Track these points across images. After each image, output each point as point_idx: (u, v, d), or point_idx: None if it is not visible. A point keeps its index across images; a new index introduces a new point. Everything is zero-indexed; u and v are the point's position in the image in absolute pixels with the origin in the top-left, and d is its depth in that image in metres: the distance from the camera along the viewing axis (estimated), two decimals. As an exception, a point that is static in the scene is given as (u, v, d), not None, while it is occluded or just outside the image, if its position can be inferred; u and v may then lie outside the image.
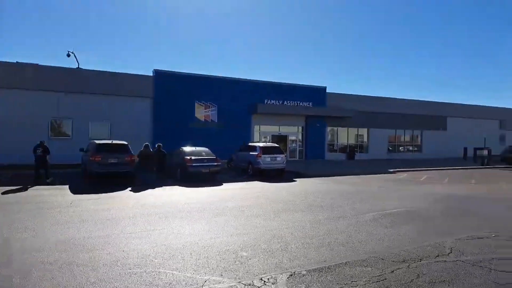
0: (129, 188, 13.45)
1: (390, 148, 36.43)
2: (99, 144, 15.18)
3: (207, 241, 6.34)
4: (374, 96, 35.30)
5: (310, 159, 30.47)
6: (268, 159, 18.16)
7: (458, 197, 11.87)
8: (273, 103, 29.15)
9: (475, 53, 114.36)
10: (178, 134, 25.32)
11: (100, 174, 14.68)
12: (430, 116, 38.10)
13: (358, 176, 19.07)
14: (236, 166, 20.78)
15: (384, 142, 35.85)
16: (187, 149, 17.33)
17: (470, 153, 34.52)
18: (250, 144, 20.01)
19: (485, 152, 26.95)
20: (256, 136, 29.01)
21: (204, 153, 16.98)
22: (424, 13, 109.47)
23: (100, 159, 14.50)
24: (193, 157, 16.25)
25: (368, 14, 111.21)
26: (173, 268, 4.99)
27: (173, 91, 25.90)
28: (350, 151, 33.37)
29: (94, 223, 7.76)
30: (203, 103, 26.95)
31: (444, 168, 23.81)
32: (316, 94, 31.19)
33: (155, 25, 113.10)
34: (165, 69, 26.41)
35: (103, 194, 11.86)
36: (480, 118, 41.67)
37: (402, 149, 37.25)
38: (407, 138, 37.94)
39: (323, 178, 17.95)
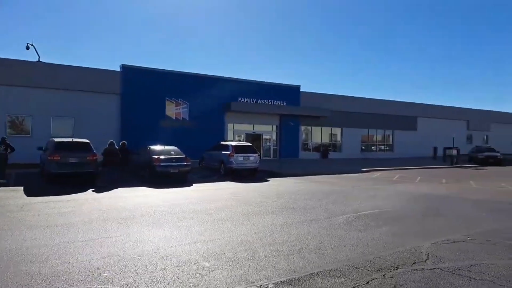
0: (90, 190, 12.56)
1: (363, 148, 36.79)
2: (58, 142, 14.14)
3: (167, 250, 5.73)
4: (348, 96, 35.53)
5: (284, 158, 30.19)
6: (241, 159, 17.63)
7: (430, 197, 11.79)
8: (247, 101, 28.64)
9: (445, 54, 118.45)
10: (148, 132, 24.32)
11: (59, 174, 13.66)
12: (401, 116, 38.77)
13: (332, 175, 18.88)
14: (208, 165, 20.13)
15: (357, 141, 36.15)
16: (155, 147, 16.54)
17: (440, 152, 35.43)
18: (222, 143, 19.41)
19: (454, 152, 27.58)
20: (229, 134, 28.42)
21: (173, 152, 16.23)
22: (394, 13, 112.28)
23: (59, 158, 13.48)
24: (161, 157, 15.48)
25: (341, 14, 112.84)
26: (122, 284, 4.36)
27: (142, 87, 24.88)
28: (324, 150, 33.39)
29: (43, 229, 6.97)
30: (174, 100, 26.06)
31: (415, 168, 24.11)
32: (290, 93, 30.95)
33: (124, 20, 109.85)
34: (133, 64, 25.31)
35: (61, 197, 10.95)
36: (448, 119, 42.85)
37: (375, 149, 37.71)
38: (379, 137, 38.46)
39: (297, 177, 17.62)
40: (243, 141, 25.09)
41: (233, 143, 18.31)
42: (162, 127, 25.29)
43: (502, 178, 18.23)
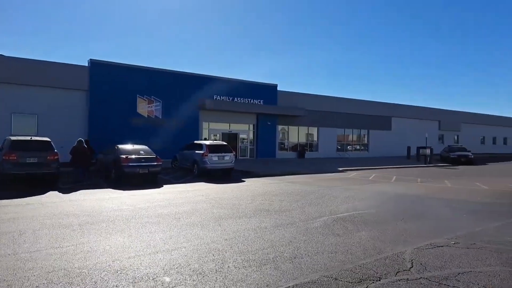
0: (50, 192, 11.57)
1: (339, 147, 36.83)
2: (15, 141, 13.01)
3: (124, 262, 5.03)
4: (324, 95, 35.45)
5: (261, 157, 29.70)
6: (215, 158, 16.96)
7: (408, 197, 11.55)
8: (223, 100, 27.94)
9: (418, 55, 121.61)
10: (118, 131, 23.24)
11: (15, 175, 12.56)
12: (376, 116, 39.12)
13: (308, 175, 18.51)
14: (181, 166, 19.33)
15: (333, 141, 36.13)
16: (124, 147, 15.62)
17: (413, 151, 35.96)
18: (195, 142, 18.66)
19: (428, 151, 27.93)
20: (205, 133, 27.65)
21: (142, 152, 15.37)
22: (371, 13, 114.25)
23: (15, 158, 12.39)
24: (129, 156, 14.59)
25: (317, 13, 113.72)
26: (62, 308, 3.66)
27: (112, 84, 23.72)
28: (300, 150, 33.13)
29: (-17, 240, 6.10)
30: (146, 97, 25.02)
31: (390, 167, 24.17)
32: (267, 91, 30.48)
33: (94, 14, 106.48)
34: (102, 59, 24.09)
35: (14, 200, 9.96)
36: (421, 119, 43.64)
37: (350, 148, 37.82)
38: (355, 137, 38.64)
39: (273, 177, 17.12)
40: (219, 141, 24.41)
41: (207, 142, 17.62)
42: (133, 126, 24.22)
43: (475, 178, 18.41)
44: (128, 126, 23.99)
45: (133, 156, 14.72)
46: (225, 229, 7.07)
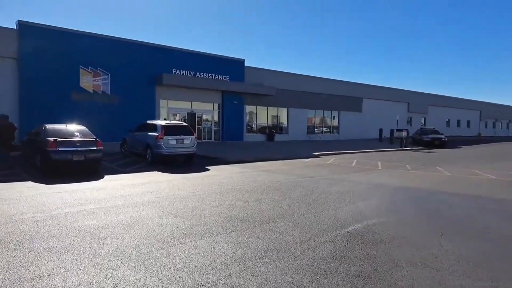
0: None
1: (309, 130, 34.72)
2: None
3: None
4: (294, 73, 32.91)
5: (227, 140, 26.85)
6: (173, 142, 13.92)
7: (415, 192, 9.28)
8: (183, 74, 24.54)
9: (390, 36, 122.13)
10: (57, 108, 19.46)
11: None
12: (347, 97, 37.34)
13: (283, 161, 15.98)
14: (132, 150, 16.09)
15: (304, 122, 33.94)
16: (54, 127, 12.19)
17: (385, 134, 34.68)
18: (148, 122, 15.43)
19: (404, 134, 26.39)
20: (163, 113, 24.27)
21: (78, 134, 12.01)
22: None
23: None
24: (59, 139, 11.23)
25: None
26: None
27: (48, 52, 19.70)
28: (269, 132, 30.61)
29: None
30: (91, 69, 21.14)
31: (367, 151, 22.25)
32: (234, 67, 27.38)
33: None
34: (35, 22, 19.84)
35: None
36: (391, 100, 42.52)
37: (320, 131, 35.83)
38: (326, 119, 36.68)
39: (243, 165, 14.41)
40: (178, 121, 21.23)
41: (163, 123, 14.48)
42: (75, 102, 20.44)
43: (465, 163, 16.77)
44: (69, 102, 20.20)
45: (65, 139, 11.37)
46: (175, 264, 4.26)
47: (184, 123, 15.25)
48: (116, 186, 9.35)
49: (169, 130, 14.01)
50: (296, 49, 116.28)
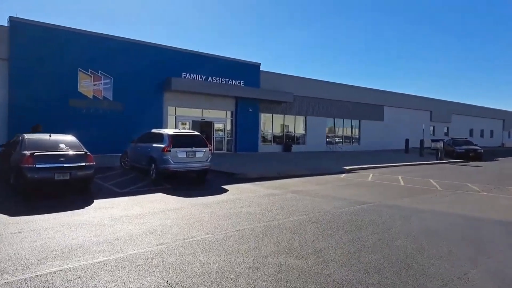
0: None
1: (330, 139, 32.00)
2: None
3: None
4: (312, 79, 30.35)
5: (241, 151, 24.29)
6: (183, 155, 11.38)
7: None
8: (193, 79, 22.16)
9: (406, 43, 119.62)
10: (52, 115, 17.25)
11: None
12: (368, 105, 34.69)
13: (313, 178, 13.33)
14: (133, 165, 13.58)
15: (323, 132, 31.26)
16: (31, 137, 9.78)
17: (413, 144, 31.86)
18: (154, 131, 12.91)
19: (440, 145, 23.54)
20: (170, 121, 21.82)
21: (63, 146, 9.53)
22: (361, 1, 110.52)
23: None
24: (37, 153, 8.76)
25: None
26: None
27: (42, 52, 17.50)
28: (286, 142, 28.00)
29: None
30: (91, 72, 18.85)
31: (403, 164, 19.47)
32: (249, 71, 24.97)
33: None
34: (28, 18, 17.64)
35: None
36: (413, 109, 39.75)
37: (340, 140, 33.07)
38: (346, 128, 33.95)
39: (268, 183, 11.78)
40: (188, 130, 18.78)
41: (171, 132, 11.94)
42: (73, 109, 18.13)
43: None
44: (66, 109, 17.89)
45: (44, 153, 8.90)
46: None
47: (197, 133, 12.72)
48: (103, 219, 6.76)
49: (178, 140, 11.48)
50: (311, 53, 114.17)
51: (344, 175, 14.63)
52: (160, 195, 9.44)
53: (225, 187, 10.89)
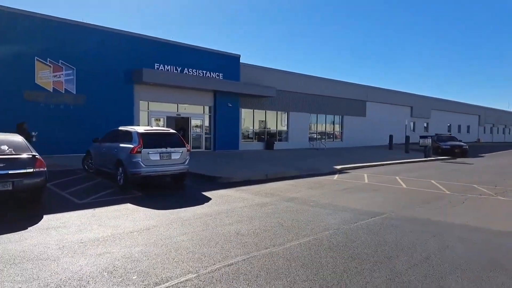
0: None
1: (314, 136, 30.77)
2: None
3: None
4: (295, 73, 29.03)
5: (220, 150, 22.62)
6: (156, 157, 9.65)
7: None
8: (168, 70, 20.25)
9: (390, 38, 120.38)
10: (4, 110, 14.98)
11: None
12: (351, 100, 33.73)
13: (304, 180, 11.91)
14: (98, 168, 11.70)
15: (305, 128, 30.00)
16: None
17: (397, 140, 31.23)
18: (121, 128, 11.05)
19: (428, 141, 22.73)
20: (142, 117, 19.84)
21: (5, 147, 7.60)
22: None
23: None
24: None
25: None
26: None
27: (-11, 36, 15.12)
28: (268, 139, 26.55)
29: None
30: (50, 62, 16.63)
31: (394, 163, 18.44)
32: (228, 63, 23.25)
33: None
34: (-27, -3, 15.25)
35: None
36: (395, 104, 39.24)
37: (323, 137, 31.93)
38: (329, 124, 32.86)
39: (256, 187, 10.24)
40: (163, 127, 16.98)
41: (141, 130, 10.13)
42: (29, 103, 15.88)
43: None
44: (20, 103, 15.66)
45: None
46: None
47: (172, 130, 10.96)
48: (48, 249, 5.02)
49: (150, 139, 9.72)
50: (294, 48, 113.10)
51: (336, 176, 13.30)
52: (128, 207, 7.71)
53: (207, 194, 9.27)
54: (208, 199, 8.64)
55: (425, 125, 45.11)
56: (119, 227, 6.15)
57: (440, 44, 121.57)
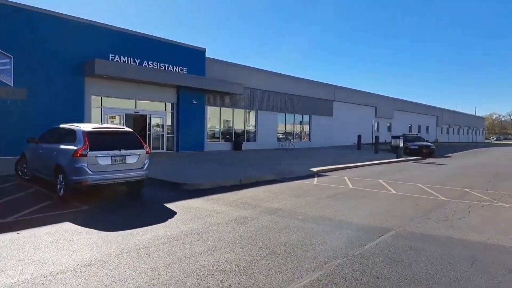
0: None
1: (282, 136, 29.60)
2: None
3: None
4: (263, 70, 27.76)
5: (184, 150, 20.78)
6: (106, 161, 7.79)
7: None
8: (124, 62, 18.12)
9: (357, 37, 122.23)
10: None
11: None
12: (319, 99, 33.04)
13: (282, 185, 10.51)
14: (34, 174, 9.60)
15: (274, 128, 28.76)
16: None
17: (365, 140, 30.85)
18: (63, 126, 9.01)
19: (400, 142, 22.24)
20: (95, 115, 17.56)
21: None
22: None
23: None
24: None
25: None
26: None
27: None
28: (236, 139, 25.00)
29: None
30: (-20, 47, 14.04)
31: (371, 164, 17.60)
32: (193, 57, 21.46)
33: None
34: None
35: None
36: (360, 104, 39.17)
37: (291, 137, 30.89)
38: (297, 124, 31.87)
39: (229, 196, 8.67)
40: (118, 125, 14.89)
41: (87, 128, 8.18)
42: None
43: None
44: None
45: None
46: None
47: (128, 129, 9.09)
48: None
49: (98, 140, 7.84)
50: (260, 44, 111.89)
51: (316, 179, 12.03)
52: (66, 227, 5.88)
53: (171, 206, 7.57)
54: (172, 213, 6.96)
55: (388, 125, 45.61)
56: (47, 263, 4.36)
57: (397, 48, 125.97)
